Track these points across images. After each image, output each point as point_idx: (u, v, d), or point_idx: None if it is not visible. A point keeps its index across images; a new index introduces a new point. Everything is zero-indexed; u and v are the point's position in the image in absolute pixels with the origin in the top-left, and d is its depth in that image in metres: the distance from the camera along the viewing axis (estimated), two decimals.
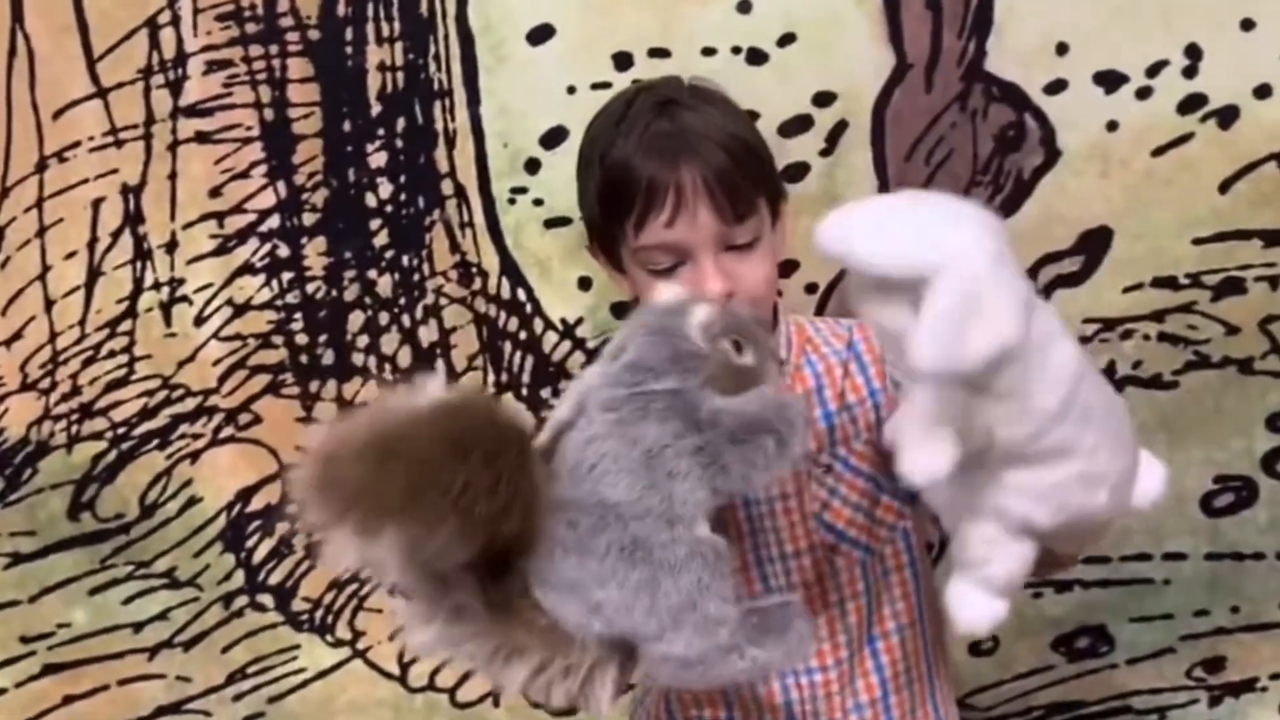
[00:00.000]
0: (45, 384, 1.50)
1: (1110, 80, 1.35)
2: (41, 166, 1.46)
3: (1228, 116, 1.35)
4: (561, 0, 1.39)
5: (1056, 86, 1.36)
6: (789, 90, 1.37)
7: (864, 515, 1.07)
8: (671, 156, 1.01)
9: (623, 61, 1.38)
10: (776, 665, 0.91)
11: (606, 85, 1.37)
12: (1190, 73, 1.34)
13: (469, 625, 0.83)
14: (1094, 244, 1.38)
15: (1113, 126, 1.36)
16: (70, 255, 1.47)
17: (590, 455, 0.86)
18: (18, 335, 1.49)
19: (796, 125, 1.38)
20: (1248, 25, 1.33)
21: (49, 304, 1.48)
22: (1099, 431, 0.87)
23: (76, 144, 1.46)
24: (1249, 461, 1.44)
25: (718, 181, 1.01)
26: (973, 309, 0.79)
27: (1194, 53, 1.34)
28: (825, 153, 1.39)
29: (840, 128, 1.38)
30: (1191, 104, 1.35)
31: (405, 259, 1.45)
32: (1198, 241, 1.37)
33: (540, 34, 1.39)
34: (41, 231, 1.47)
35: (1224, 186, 1.36)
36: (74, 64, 1.44)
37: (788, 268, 1.34)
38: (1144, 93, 1.35)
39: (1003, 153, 1.37)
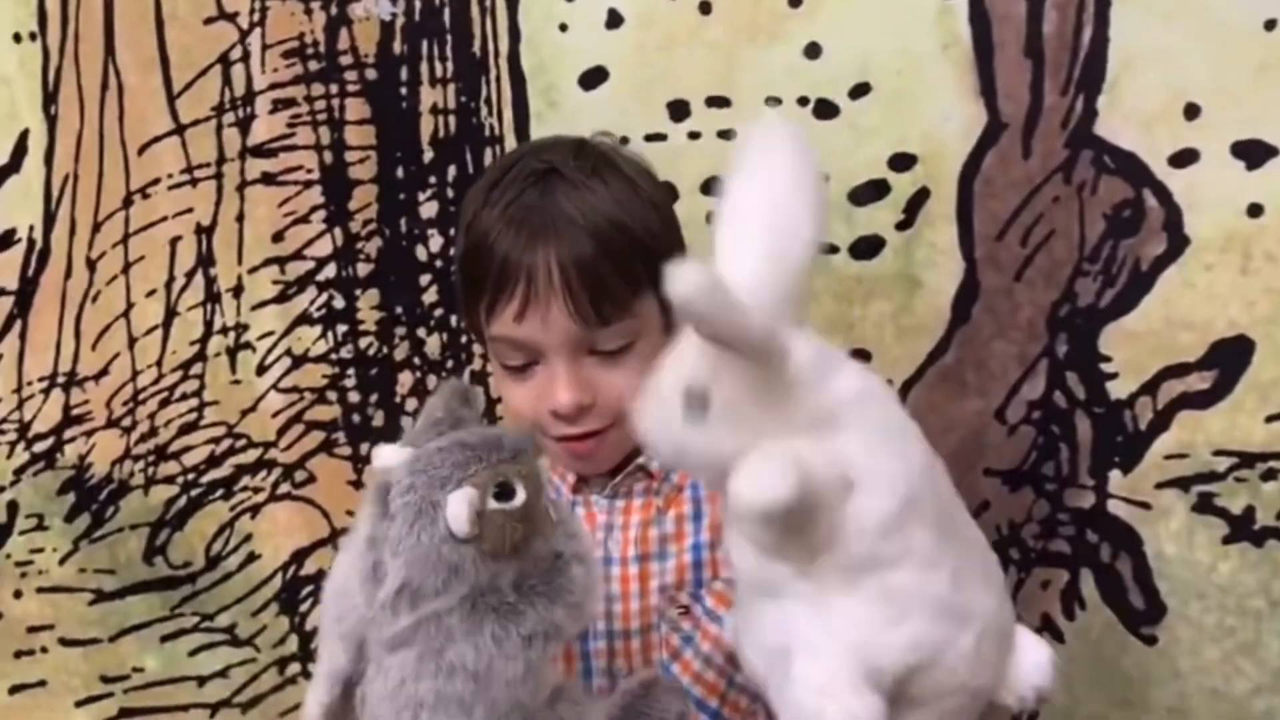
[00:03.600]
0: (127, 422, 1.73)
1: (1254, 152, 1.30)
2: (128, 202, 1.69)
3: None
4: (617, 40, 1.48)
5: (1184, 158, 1.32)
6: (862, 150, 1.41)
7: (718, 675, 1.10)
8: (530, 238, 1.07)
9: (678, 111, 1.45)
10: None
11: (661, 137, 1.46)
12: None
13: None
14: (1230, 357, 1.33)
15: (1255, 210, 1.31)
16: (150, 293, 1.70)
17: (410, 703, 0.90)
18: (104, 371, 1.72)
19: (869, 191, 1.41)
20: None
21: (131, 341, 1.72)
22: (957, 552, 0.87)
23: (157, 180, 1.68)
24: None
25: (577, 276, 1.06)
26: None
27: None
28: (902, 226, 1.42)
29: (921, 196, 1.40)
30: None
31: (453, 319, 1.55)
32: None
33: (593, 77, 1.48)
34: (126, 268, 1.70)
35: None
36: (157, 99, 1.66)
37: None
38: None
39: (1116, 237, 1.34)
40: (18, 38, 1.64)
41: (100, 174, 1.72)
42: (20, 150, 1.70)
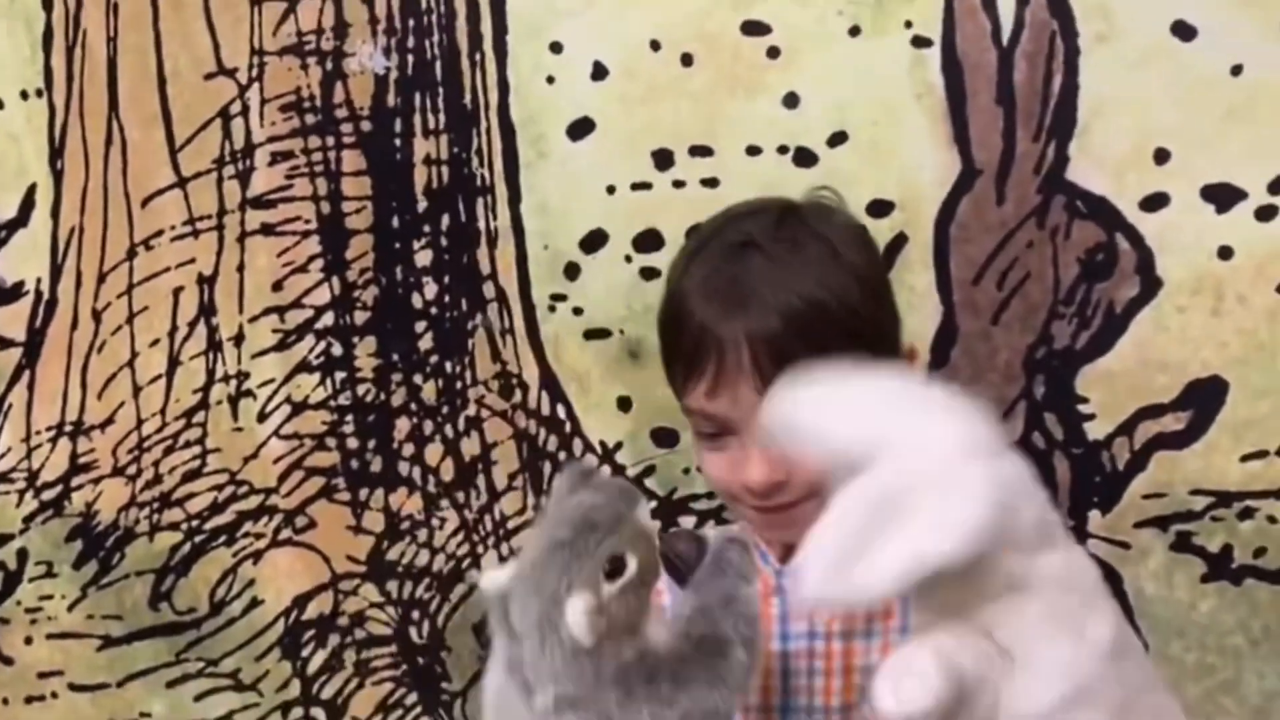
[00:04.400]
0: (132, 469, 1.80)
1: (1223, 196, 1.36)
2: (132, 253, 1.78)
3: None
4: (603, 91, 1.54)
5: (1155, 201, 1.38)
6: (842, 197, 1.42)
7: None
8: (722, 314, 1.09)
9: (663, 160, 1.52)
10: None
11: (646, 186, 1.52)
12: None
13: None
14: (1204, 398, 1.40)
15: (1226, 253, 1.37)
16: (154, 343, 1.79)
17: None
18: (110, 420, 1.80)
19: None
20: None
21: (136, 390, 1.79)
22: None
23: (160, 232, 1.76)
24: None
25: (768, 354, 1.06)
26: (887, 514, 0.78)
27: None
28: None
29: (898, 242, 1.47)
30: None
31: (448, 365, 1.64)
32: None
33: (581, 128, 1.54)
34: (131, 318, 1.78)
35: None
36: (159, 153, 1.75)
37: None
38: (1266, 213, 1.35)
39: (1089, 280, 1.40)
40: (25, 95, 1.75)
41: (105, 226, 1.81)
42: (28, 204, 1.81)
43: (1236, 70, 1.32)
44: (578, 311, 1.60)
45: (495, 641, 1.02)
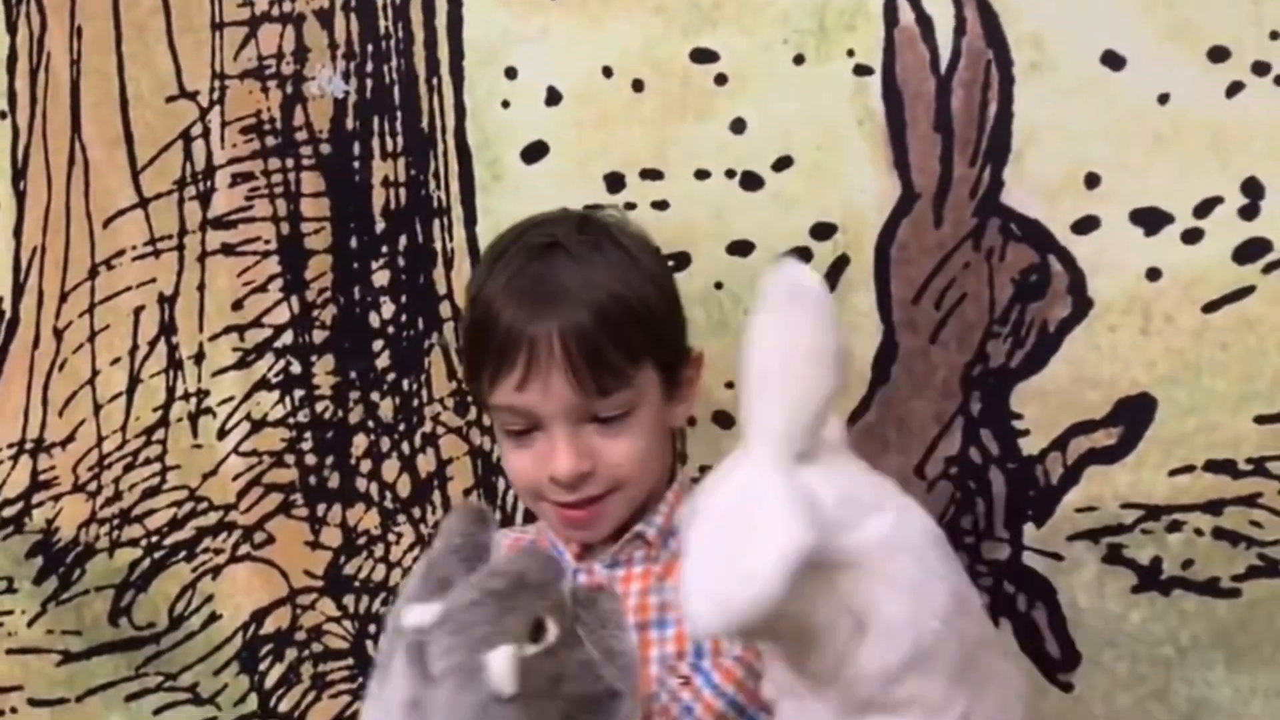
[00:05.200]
0: (93, 486, 1.83)
1: (1151, 219, 1.40)
2: (93, 272, 1.80)
3: None
4: (556, 116, 1.58)
5: (1086, 225, 1.42)
6: (786, 219, 1.53)
7: None
8: (531, 310, 1.16)
9: (615, 183, 1.56)
10: None
11: (598, 208, 1.52)
12: (1249, 213, 1.38)
13: None
14: (1134, 414, 1.43)
15: (1154, 274, 1.41)
16: (115, 361, 1.82)
17: None
18: (71, 437, 1.83)
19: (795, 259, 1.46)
20: None
21: (97, 408, 1.82)
22: (969, 696, 0.93)
23: (122, 252, 1.79)
24: None
25: (578, 347, 1.14)
26: (736, 529, 0.86)
27: (1254, 189, 1.38)
28: None
29: (841, 263, 1.51)
30: (1251, 251, 1.38)
31: (405, 383, 1.68)
32: (1261, 420, 1.40)
33: (535, 151, 1.59)
34: (92, 336, 1.81)
35: None
36: (121, 174, 1.78)
37: None
38: (1192, 235, 1.39)
39: (1024, 300, 1.44)
40: None
41: (67, 246, 1.83)
42: None
43: (1164, 99, 1.36)
44: None
45: (395, 681, 1.01)
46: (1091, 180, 1.39)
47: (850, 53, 1.47)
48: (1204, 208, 1.36)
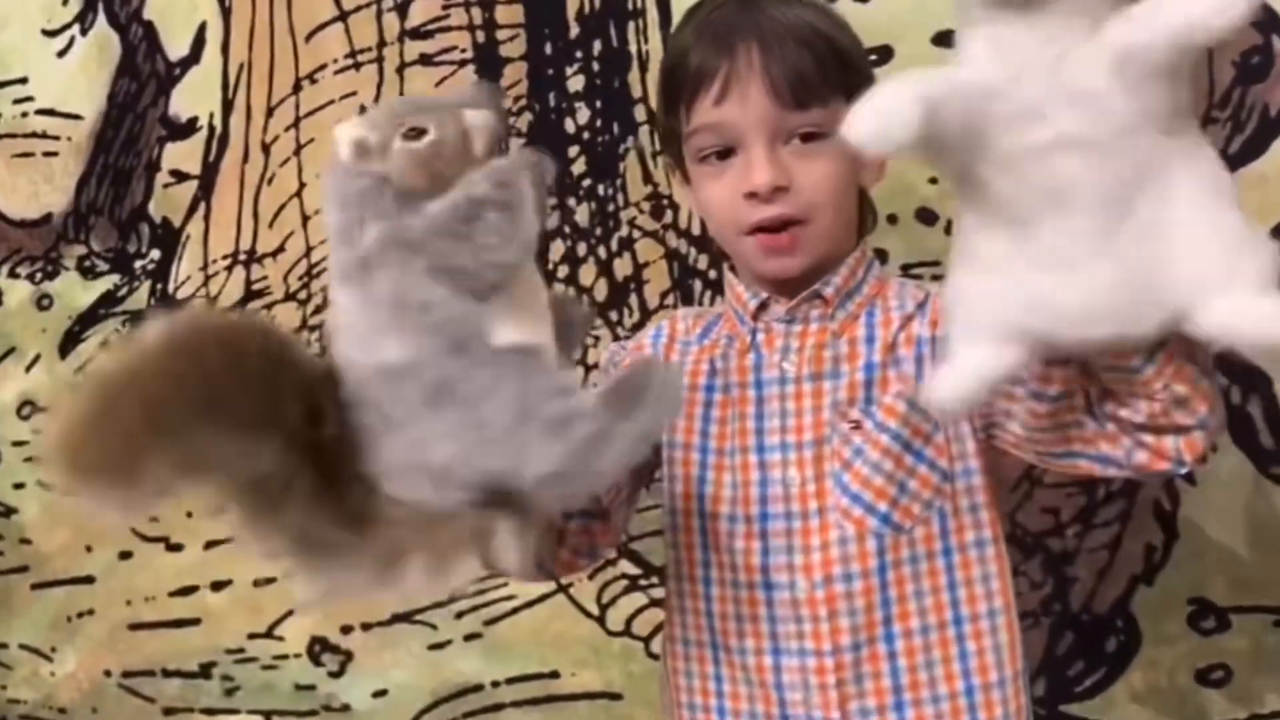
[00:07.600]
0: (303, 295, 1.87)
1: None
2: (297, 88, 1.83)
3: None
4: None
5: None
6: None
7: (887, 480, 1.16)
8: (730, 37, 1.17)
9: None
10: (655, 426, 0.99)
11: None
12: None
13: (332, 555, 0.99)
14: None
15: None
16: (320, 174, 1.81)
17: (351, 335, 0.97)
18: (281, 248, 1.87)
19: None
20: None
21: (305, 219, 1.85)
22: None
23: (324, 66, 1.81)
24: None
25: (778, 59, 1.15)
26: None
27: None
28: None
29: None
30: None
31: (601, 188, 1.67)
32: None
33: None
34: (298, 150, 1.84)
35: None
36: None
37: None
38: None
39: (1244, 83, 1.34)
40: None
41: (272, 62, 1.87)
42: (199, 42, 1.88)
43: None
44: None
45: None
46: None
47: None
48: None
